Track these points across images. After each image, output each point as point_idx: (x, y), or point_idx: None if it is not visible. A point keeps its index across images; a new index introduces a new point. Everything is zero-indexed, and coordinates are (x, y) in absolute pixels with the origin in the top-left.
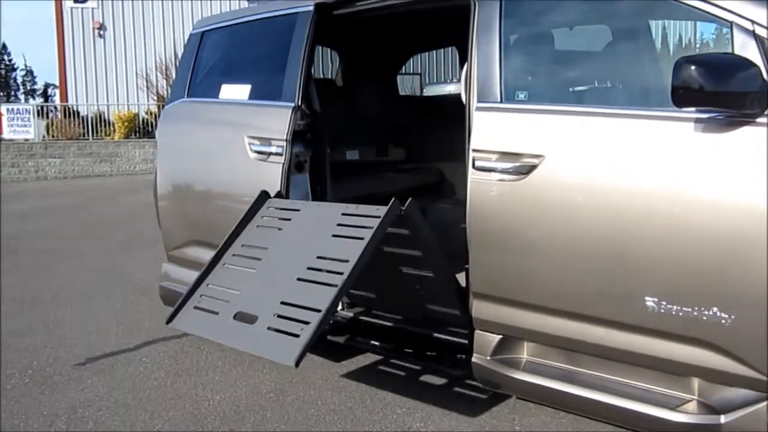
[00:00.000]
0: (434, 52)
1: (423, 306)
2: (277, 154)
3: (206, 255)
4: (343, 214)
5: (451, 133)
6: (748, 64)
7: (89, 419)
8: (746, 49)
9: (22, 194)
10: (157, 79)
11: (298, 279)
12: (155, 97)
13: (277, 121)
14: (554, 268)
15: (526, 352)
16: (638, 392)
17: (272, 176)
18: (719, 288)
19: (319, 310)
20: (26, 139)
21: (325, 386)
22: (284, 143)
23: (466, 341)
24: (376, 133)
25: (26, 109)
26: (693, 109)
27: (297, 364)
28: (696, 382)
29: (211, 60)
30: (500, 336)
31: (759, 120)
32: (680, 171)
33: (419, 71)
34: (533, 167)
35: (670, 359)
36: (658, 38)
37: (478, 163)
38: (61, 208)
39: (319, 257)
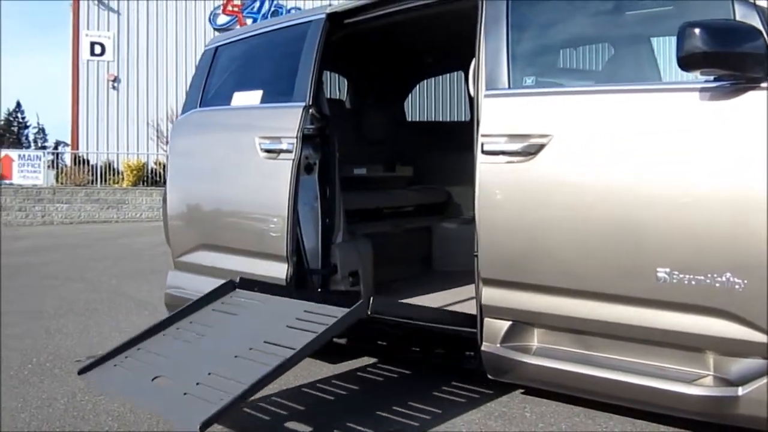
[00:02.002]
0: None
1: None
2: (287, 151)
3: (214, 259)
4: (305, 311)
5: (458, 156)
6: (750, 28)
7: (88, 402)
8: (747, 20)
9: (27, 235)
10: (167, 129)
11: (236, 356)
12: (165, 147)
13: (288, 120)
14: (564, 247)
15: (536, 339)
16: (653, 370)
17: (281, 175)
18: (731, 253)
19: (244, 384)
20: (34, 185)
21: (330, 377)
22: (294, 140)
23: (475, 330)
24: (384, 155)
25: (37, 156)
26: (699, 77)
27: (202, 429)
28: (711, 357)
29: (224, 73)
30: (510, 322)
31: (763, 85)
32: (688, 140)
33: None
34: (541, 147)
35: (684, 331)
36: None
37: (486, 147)
38: (65, 246)
39: (265, 342)
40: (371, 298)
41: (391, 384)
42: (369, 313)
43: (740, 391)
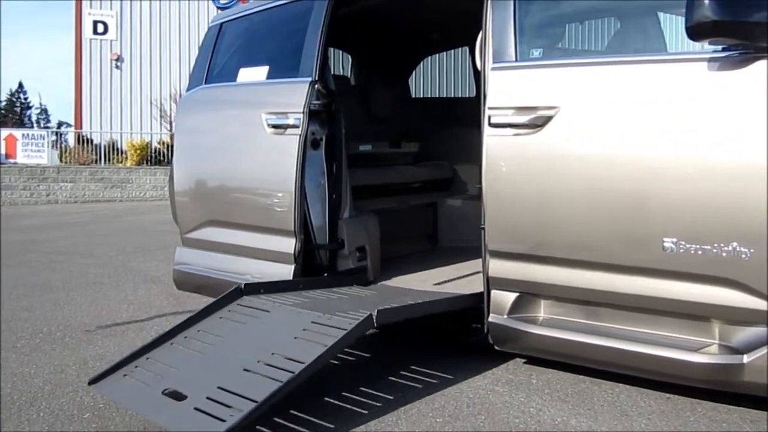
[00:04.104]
0: None
1: None
2: (294, 126)
3: (222, 235)
4: (312, 322)
5: (464, 133)
6: None
7: (99, 369)
8: None
9: (32, 214)
10: (171, 109)
11: (245, 369)
12: (168, 126)
13: (295, 95)
14: (571, 218)
15: (543, 310)
16: (660, 339)
17: (288, 150)
18: (738, 223)
19: (255, 401)
20: (38, 164)
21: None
22: (301, 116)
23: (481, 305)
24: (389, 131)
25: (41, 135)
26: (708, 48)
27: None
28: (716, 326)
29: (229, 49)
30: (517, 294)
31: None
32: (696, 111)
33: None
34: (548, 119)
35: (690, 301)
36: None
37: (494, 120)
38: (71, 223)
39: (274, 353)
40: (377, 311)
41: (395, 351)
42: (376, 325)
43: (745, 358)
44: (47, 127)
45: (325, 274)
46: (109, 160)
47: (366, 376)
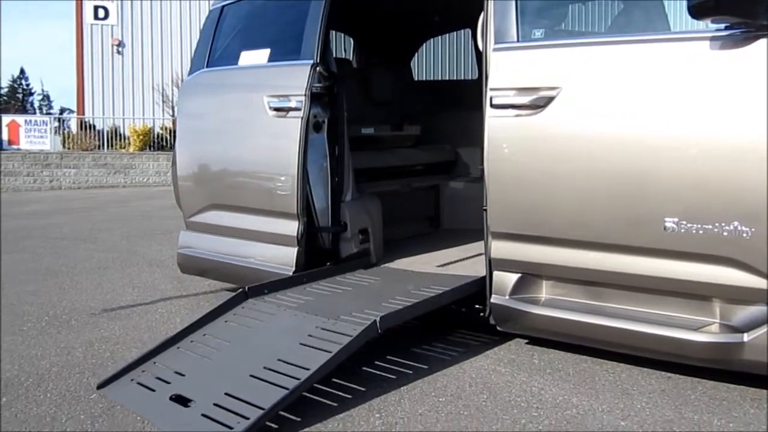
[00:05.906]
0: None
1: None
2: (296, 109)
3: (226, 218)
4: (317, 327)
5: (465, 115)
6: None
7: (105, 351)
8: None
9: (36, 200)
10: (173, 93)
11: (251, 375)
12: (171, 111)
13: (297, 77)
14: (573, 198)
15: (544, 290)
16: (661, 318)
17: (291, 133)
18: (739, 202)
19: (262, 408)
20: (41, 150)
21: None
22: (303, 98)
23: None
24: (391, 114)
25: (44, 121)
26: (710, 27)
27: None
28: (717, 305)
29: (230, 32)
30: (519, 275)
31: None
32: (697, 89)
33: None
34: (550, 99)
35: (691, 280)
36: None
37: (495, 101)
38: (75, 209)
39: (279, 360)
40: (380, 317)
41: (396, 334)
42: (380, 331)
43: (746, 337)
44: (50, 113)
45: (328, 264)
46: (111, 145)
47: (368, 356)
